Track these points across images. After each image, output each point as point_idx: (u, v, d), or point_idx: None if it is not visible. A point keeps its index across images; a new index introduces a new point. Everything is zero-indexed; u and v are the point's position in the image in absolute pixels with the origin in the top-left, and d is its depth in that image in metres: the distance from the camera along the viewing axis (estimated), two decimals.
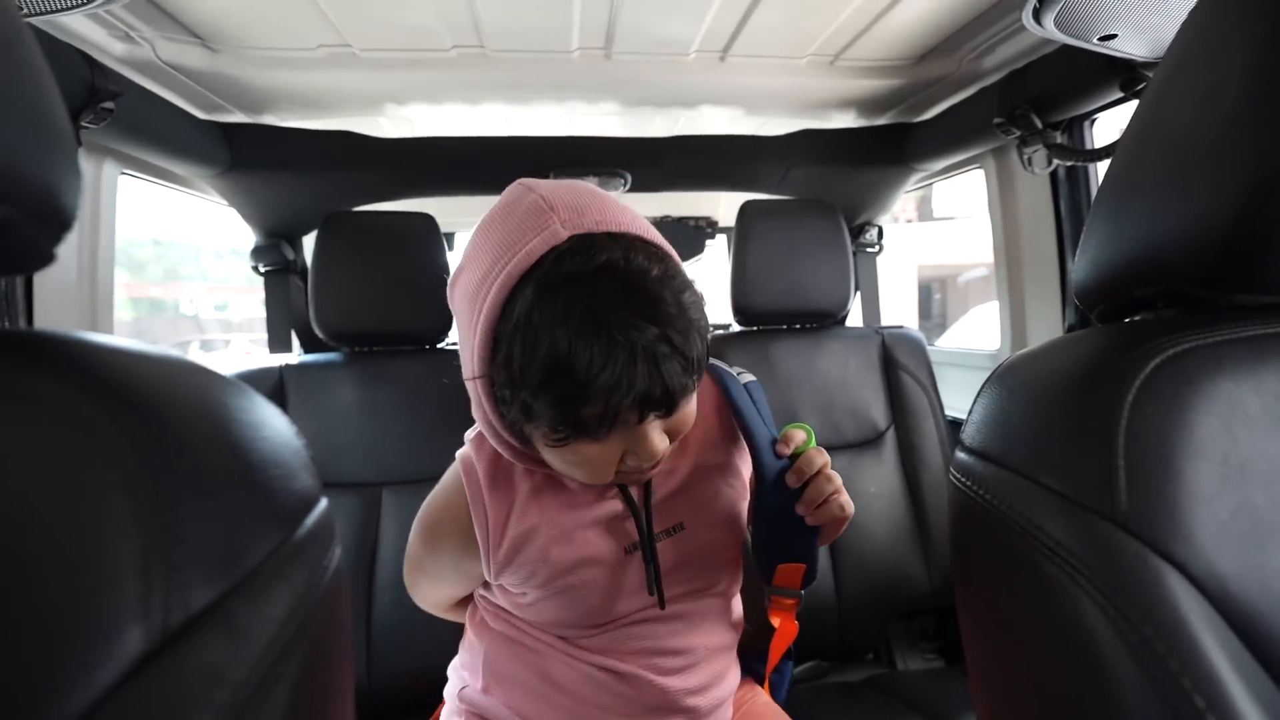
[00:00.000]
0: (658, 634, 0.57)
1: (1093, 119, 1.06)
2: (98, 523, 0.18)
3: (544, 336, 0.43)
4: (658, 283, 0.45)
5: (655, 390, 0.44)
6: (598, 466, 0.49)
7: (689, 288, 0.47)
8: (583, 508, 0.56)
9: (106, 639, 0.17)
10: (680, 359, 0.45)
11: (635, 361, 0.43)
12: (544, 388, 0.43)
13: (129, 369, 0.23)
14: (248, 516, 0.23)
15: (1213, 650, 0.25)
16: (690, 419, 0.52)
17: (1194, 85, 0.33)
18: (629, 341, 0.42)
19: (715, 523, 0.59)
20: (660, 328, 0.44)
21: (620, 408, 0.44)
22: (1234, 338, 0.30)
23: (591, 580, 0.55)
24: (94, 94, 0.80)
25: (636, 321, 0.43)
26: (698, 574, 0.59)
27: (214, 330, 6.62)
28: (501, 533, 0.55)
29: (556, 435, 0.46)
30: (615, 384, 0.42)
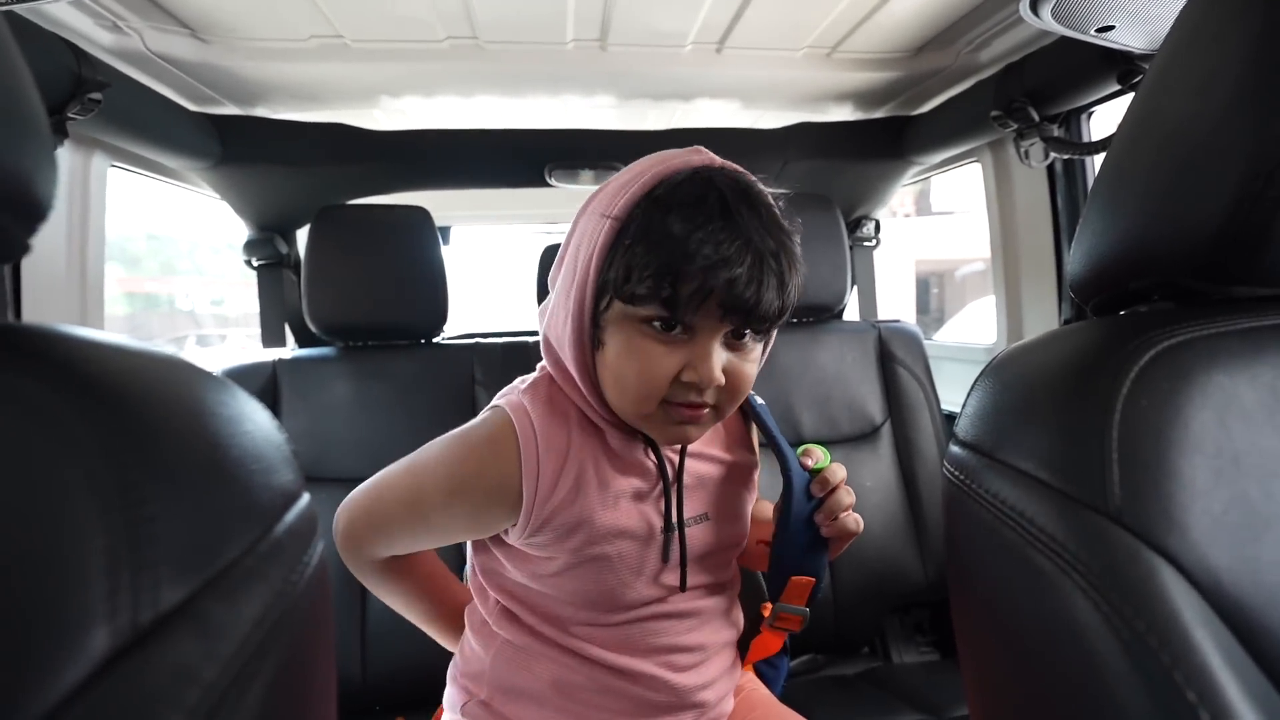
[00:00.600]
0: (673, 630, 0.57)
1: (1090, 112, 1.06)
2: (63, 520, 0.18)
3: (674, 208, 0.47)
4: (772, 208, 0.50)
5: (749, 291, 0.46)
6: (655, 371, 0.49)
7: (796, 249, 0.51)
8: (626, 475, 0.56)
9: (72, 638, 0.17)
10: (780, 283, 0.48)
11: (746, 253, 0.46)
12: (656, 245, 0.46)
13: (105, 363, 0.23)
14: (222, 512, 0.22)
15: (1205, 644, 0.24)
16: (748, 377, 0.52)
17: (1190, 77, 0.33)
18: (747, 235, 0.46)
19: (734, 518, 0.61)
20: (778, 245, 0.48)
21: (715, 287, 0.45)
22: (1229, 330, 0.30)
23: (623, 554, 0.55)
24: (81, 84, 0.79)
25: (760, 227, 0.47)
26: (715, 568, 0.60)
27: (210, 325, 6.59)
28: (553, 484, 0.53)
29: (643, 303, 0.47)
30: (721, 261, 0.45)
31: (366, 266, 1.08)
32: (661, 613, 0.57)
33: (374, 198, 1.32)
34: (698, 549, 0.58)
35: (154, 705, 0.18)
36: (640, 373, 0.49)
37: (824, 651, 1.15)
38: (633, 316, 0.49)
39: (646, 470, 0.56)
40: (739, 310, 0.47)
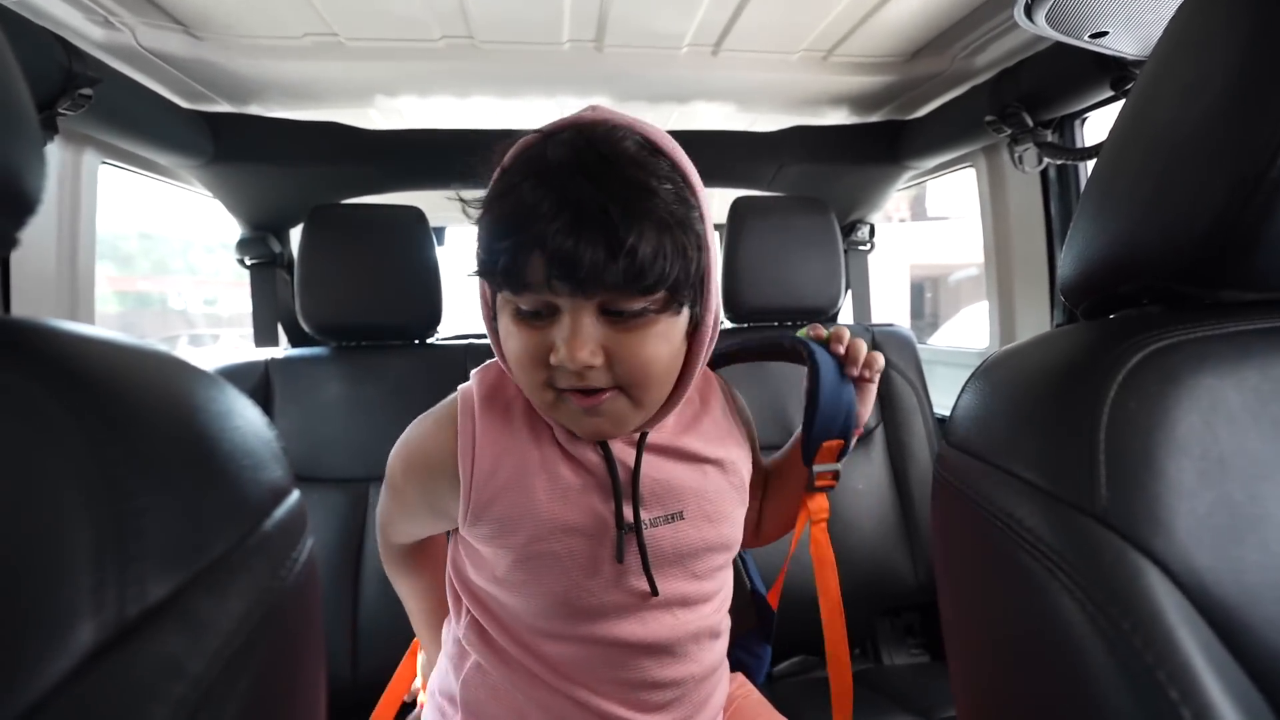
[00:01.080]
0: (644, 667, 0.53)
1: (1083, 118, 1.06)
2: (48, 513, 0.18)
3: (511, 173, 0.45)
4: (629, 161, 0.44)
5: (565, 244, 0.41)
6: (527, 356, 0.46)
7: (682, 196, 0.45)
8: (574, 468, 0.52)
9: (57, 631, 0.17)
10: (611, 241, 0.41)
11: (564, 209, 0.41)
12: (485, 218, 0.45)
13: (93, 357, 0.23)
14: (210, 508, 0.22)
15: (1188, 644, 0.25)
16: (644, 355, 0.46)
17: (1180, 83, 0.33)
18: (559, 189, 0.42)
19: (715, 519, 0.56)
20: (618, 201, 0.42)
21: (533, 247, 0.42)
22: (1216, 334, 0.30)
23: (574, 553, 0.51)
24: (71, 80, 0.78)
25: (578, 179, 0.42)
26: (696, 575, 0.55)
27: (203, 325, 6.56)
28: (492, 467, 0.51)
29: (486, 277, 0.46)
30: (527, 220, 0.42)
31: (360, 266, 1.07)
32: (637, 637, 0.53)
33: (368, 197, 1.31)
34: (667, 551, 0.54)
35: (140, 699, 0.18)
36: (517, 359, 0.47)
37: (815, 653, 1.15)
38: (510, 302, 0.47)
39: (595, 464, 0.53)
40: (563, 274, 0.42)
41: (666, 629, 0.54)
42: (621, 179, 0.43)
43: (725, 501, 0.57)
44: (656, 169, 0.45)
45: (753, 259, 1.16)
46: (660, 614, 0.54)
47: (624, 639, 0.53)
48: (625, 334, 0.46)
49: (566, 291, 0.43)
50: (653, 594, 0.53)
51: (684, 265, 0.45)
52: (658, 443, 0.55)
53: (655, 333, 0.46)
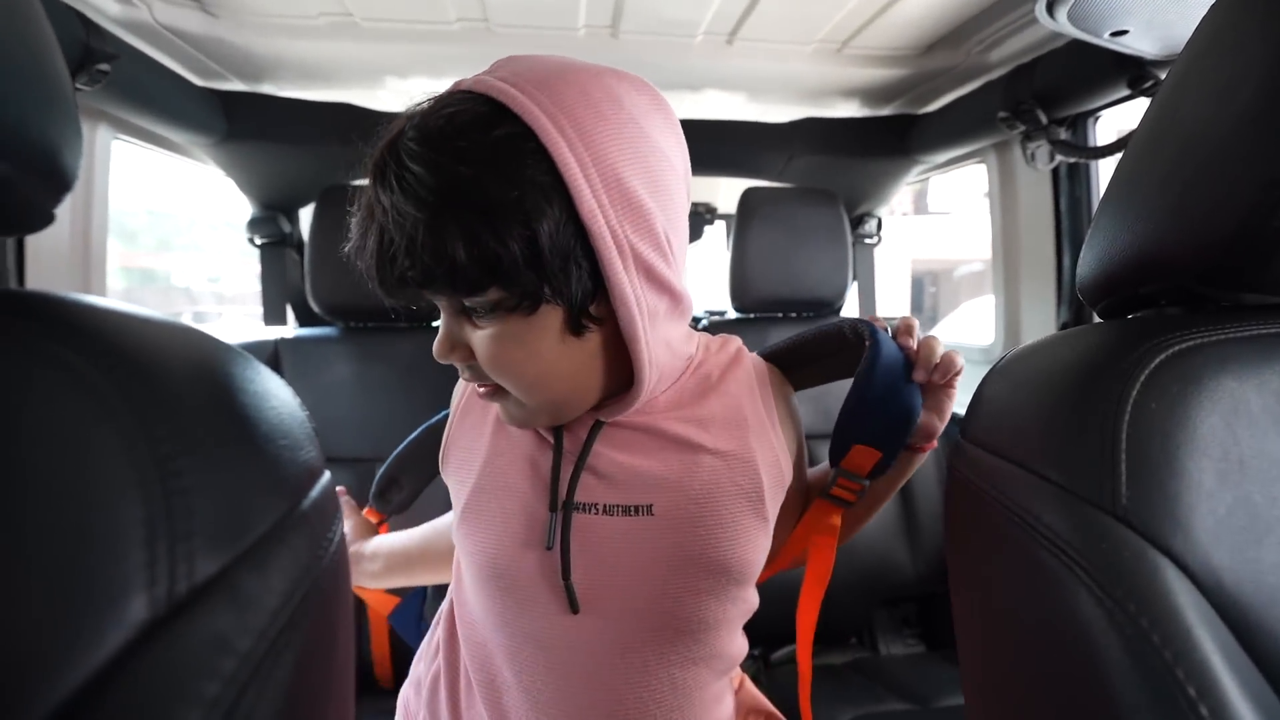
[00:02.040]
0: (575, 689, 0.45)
1: (1097, 116, 1.06)
2: (101, 488, 0.18)
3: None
4: (438, 144, 0.37)
5: (369, 242, 0.40)
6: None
7: (498, 172, 0.37)
8: (528, 438, 0.49)
9: (112, 606, 0.17)
10: (411, 245, 0.37)
11: (370, 221, 0.40)
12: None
13: (133, 333, 0.23)
14: (254, 486, 0.23)
15: (1206, 642, 0.25)
16: (496, 356, 0.41)
17: (1210, 82, 0.33)
18: (375, 187, 0.40)
19: (703, 521, 0.45)
20: (403, 182, 0.38)
21: (364, 246, 0.41)
22: (1239, 336, 0.31)
23: (511, 509, 0.47)
24: (89, 55, 0.78)
25: (388, 171, 0.38)
26: (663, 596, 0.45)
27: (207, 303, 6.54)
28: (466, 408, 0.53)
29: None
30: (362, 217, 0.41)
31: None
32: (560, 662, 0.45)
33: None
34: (620, 550, 0.45)
35: (193, 673, 0.18)
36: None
37: (813, 641, 1.17)
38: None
39: (542, 437, 0.48)
40: (378, 277, 0.41)
41: (598, 672, 0.45)
42: (399, 176, 0.38)
43: (722, 505, 0.46)
44: (461, 152, 0.37)
45: (761, 251, 1.16)
46: (589, 639, 0.45)
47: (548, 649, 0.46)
48: (480, 334, 0.42)
49: (401, 297, 0.42)
50: (571, 608, 0.45)
51: (498, 258, 0.37)
52: (626, 421, 0.47)
53: (505, 334, 0.41)
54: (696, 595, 0.46)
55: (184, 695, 0.18)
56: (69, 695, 0.16)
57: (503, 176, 0.37)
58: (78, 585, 0.17)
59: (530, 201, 0.37)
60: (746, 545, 0.47)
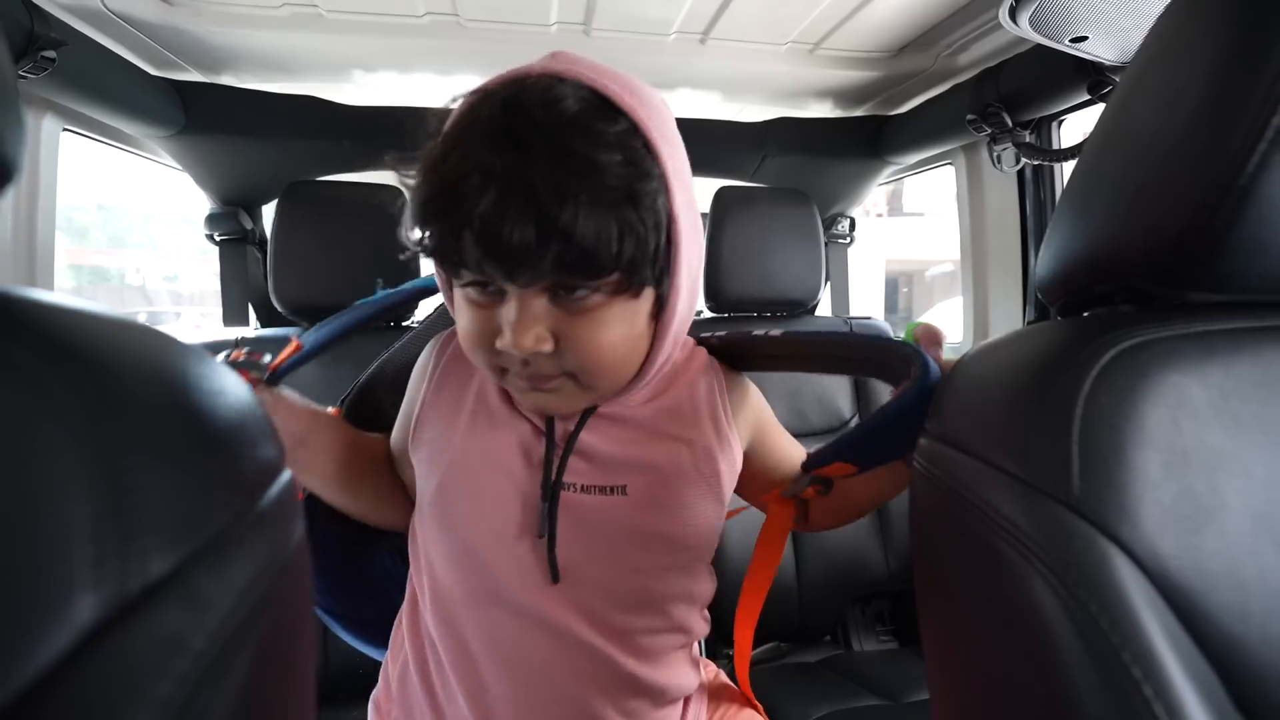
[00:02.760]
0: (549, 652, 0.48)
1: (1060, 120, 1.09)
2: (46, 485, 0.18)
3: (448, 140, 0.41)
4: (566, 126, 0.38)
5: (492, 227, 0.37)
6: (474, 335, 0.44)
7: (637, 165, 0.39)
8: (516, 419, 0.50)
9: (56, 606, 0.17)
10: (542, 216, 0.37)
11: (484, 186, 0.37)
12: (419, 187, 0.41)
13: (82, 329, 0.22)
14: (208, 483, 0.22)
15: (1151, 626, 0.26)
16: (594, 342, 0.42)
17: (1159, 88, 0.34)
18: (485, 162, 0.37)
19: (668, 503, 0.49)
20: (530, 167, 0.37)
21: (456, 228, 0.38)
22: (1184, 333, 0.32)
23: (493, 488, 0.48)
24: (33, 41, 0.75)
25: (505, 149, 0.37)
26: (627, 569, 0.49)
27: (163, 302, 6.34)
28: (440, 386, 0.52)
29: (423, 254, 0.43)
30: (454, 197, 0.38)
31: (336, 245, 1.05)
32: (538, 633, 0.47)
33: (345, 175, 1.28)
34: (594, 524, 0.48)
35: (144, 675, 0.18)
36: (465, 336, 0.45)
37: (787, 639, 1.18)
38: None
39: (533, 424, 0.50)
40: (493, 260, 0.39)
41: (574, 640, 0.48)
42: (554, 149, 0.37)
43: (684, 487, 0.50)
44: (602, 135, 0.39)
45: (735, 249, 1.17)
46: (567, 613, 0.48)
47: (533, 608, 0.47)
48: (576, 318, 0.41)
49: (500, 277, 0.40)
50: (553, 578, 0.47)
51: (637, 245, 0.40)
52: (609, 412, 0.50)
53: (610, 317, 0.42)
54: (663, 569, 0.50)
55: (135, 695, 0.18)
56: (13, 697, 0.16)
57: (639, 169, 0.40)
58: (19, 586, 0.16)
59: (660, 194, 0.41)
60: (705, 523, 0.51)
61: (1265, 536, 0.28)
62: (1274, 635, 0.27)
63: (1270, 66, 0.28)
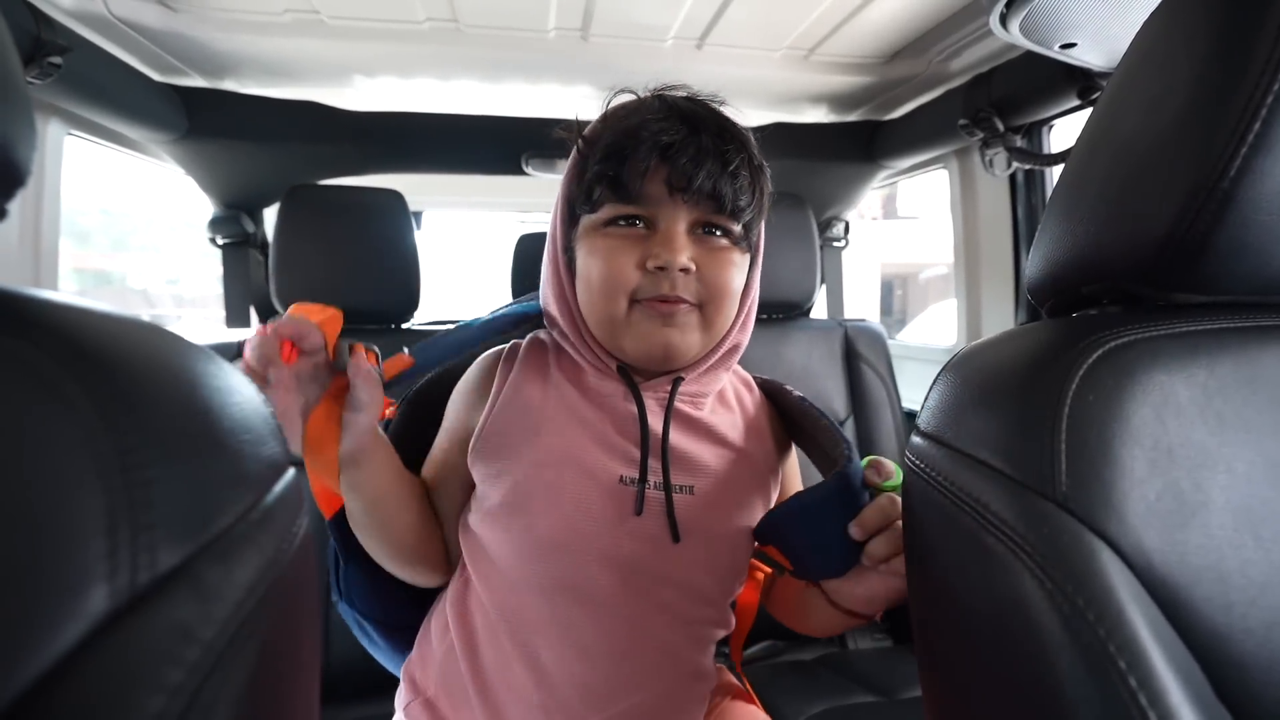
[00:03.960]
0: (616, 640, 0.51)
1: (1051, 125, 1.10)
2: (60, 479, 0.18)
3: (628, 114, 0.52)
4: (720, 115, 0.53)
5: (685, 153, 0.48)
6: (618, 262, 0.50)
7: (751, 149, 0.53)
8: (597, 410, 0.54)
9: (71, 596, 0.17)
10: (726, 166, 0.49)
11: (691, 135, 0.49)
12: (607, 142, 0.51)
13: (92, 328, 0.23)
14: (217, 479, 0.23)
15: (1137, 619, 0.27)
16: (726, 279, 0.52)
17: (1143, 94, 0.35)
18: (678, 113, 0.50)
19: (729, 503, 0.54)
20: (730, 136, 0.51)
21: (656, 157, 0.48)
22: (1169, 333, 0.33)
23: (572, 485, 0.51)
24: (40, 47, 0.76)
25: (695, 110, 0.51)
26: (690, 564, 0.53)
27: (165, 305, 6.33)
28: (512, 395, 0.55)
29: (600, 203, 0.51)
30: (662, 138, 0.48)
31: (337, 248, 1.06)
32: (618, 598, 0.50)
33: (346, 179, 1.29)
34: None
35: (156, 662, 0.18)
36: (604, 266, 0.51)
37: (783, 638, 1.18)
38: (596, 224, 0.52)
39: (619, 412, 0.54)
40: (685, 185, 0.49)
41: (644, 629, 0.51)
42: (717, 126, 0.51)
43: (744, 490, 0.56)
44: (745, 130, 0.54)
45: None
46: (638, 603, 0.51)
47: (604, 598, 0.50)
48: (710, 253, 0.51)
49: (681, 196, 0.50)
50: (675, 538, 0.51)
51: (759, 211, 0.54)
52: (684, 412, 0.55)
53: (733, 260, 0.53)
54: (724, 567, 0.55)
55: (146, 682, 0.18)
56: (29, 684, 0.16)
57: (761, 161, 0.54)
58: (36, 576, 0.17)
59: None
60: (747, 534, 0.55)
61: (1247, 531, 0.29)
62: (1254, 626, 0.28)
63: (1250, 74, 0.29)
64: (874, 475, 0.49)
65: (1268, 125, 0.29)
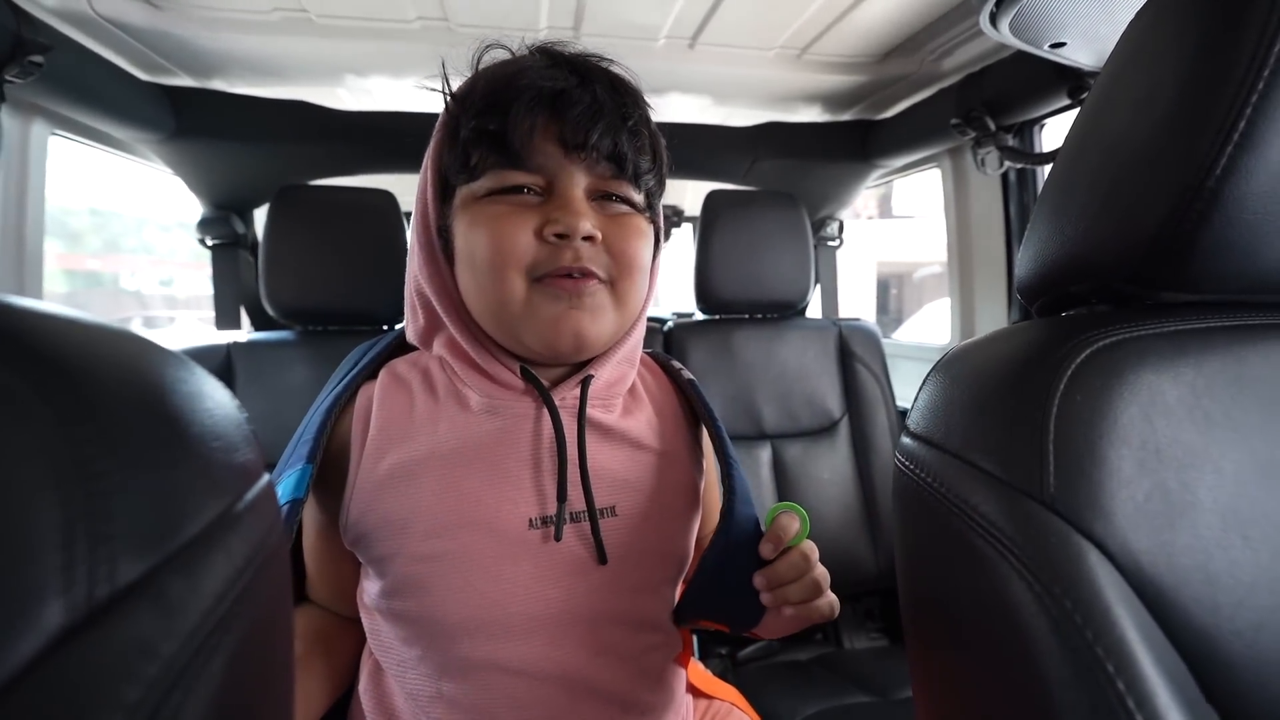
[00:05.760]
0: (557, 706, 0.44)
1: (1042, 124, 1.11)
2: (14, 492, 0.18)
3: (505, 66, 0.45)
4: (612, 72, 0.46)
5: (585, 117, 0.42)
6: (508, 231, 0.42)
7: (646, 110, 0.47)
8: (489, 437, 0.45)
9: (24, 611, 0.17)
10: (623, 122, 0.44)
11: (581, 86, 0.43)
12: (484, 96, 0.43)
13: (55, 334, 0.22)
14: (183, 488, 0.22)
15: (1124, 621, 0.27)
16: (632, 249, 0.45)
17: (1131, 92, 0.35)
18: (567, 59, 0.45)
19: (655, 516, 0.48)
20: (605, 75, 0.45)
21: (532, 110, 0.42)
22: (1156, 332, 0.32)
23: (472, 551, 0.43)
24: (20, 46, 0.75)
25: (561, 70, 0.44)
26: (625, 589, 0.47)
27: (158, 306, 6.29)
28: (374, 460, 0.44)
29: (481, 170, 0.43)
30: (550, 87, 0.42)
31: (328, 249, 1.05)
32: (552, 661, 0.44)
33: (337, 179, 1.28)
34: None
35: (111, 679, 0.18)
36: (491, 238, 0.42)
37: (779, 639, 1.19)
38: (477, 193, 0.44)
39: (518, 434, 0.46)
40: (582, 143, 0.42)
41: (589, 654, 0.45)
42: (610, 80, 0.45)
43: (670, 499, 0.50)
44: (639, 89, 0.47)
45: (725, 252, 1.18)
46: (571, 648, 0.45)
47: (535, 664, 0.44)
48: (615, 221, 0.45)
49: (578, 155, 0.43)
50: (599, 558, 0.45)
51: (659, 178, 0.48)
52: (597, 419, 0.48)
53: (637, 228, 0.46)
54: (657, 584, 0.50)
55: (103, 700, 0.18)
56: None
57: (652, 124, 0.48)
58: None
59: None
60: (687, 536, 0.51)
61: (1234, 531, 0.29)
62: (1242, 628, 0.28)
63: (1235, 73, 0.29)
64: (769, 549, 0.45)
65: (1253, 124, 0.29)
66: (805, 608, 0.45)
